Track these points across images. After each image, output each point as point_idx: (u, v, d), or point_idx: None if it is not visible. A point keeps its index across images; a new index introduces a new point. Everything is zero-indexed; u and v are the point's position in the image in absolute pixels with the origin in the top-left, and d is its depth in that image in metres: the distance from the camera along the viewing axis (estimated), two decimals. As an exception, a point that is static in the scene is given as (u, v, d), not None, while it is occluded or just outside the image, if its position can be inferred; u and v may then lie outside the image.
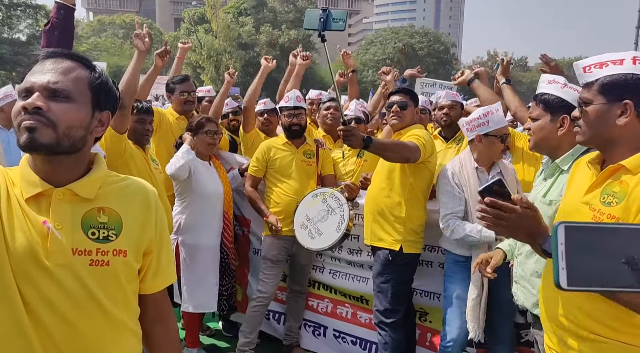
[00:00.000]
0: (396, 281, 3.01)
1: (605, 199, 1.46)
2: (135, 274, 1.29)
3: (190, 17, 38.00)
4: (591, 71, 1.53)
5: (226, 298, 3.58)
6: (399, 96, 3.15)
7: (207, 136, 3.41)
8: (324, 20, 2.43)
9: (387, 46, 43.30)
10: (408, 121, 3.09)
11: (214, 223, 3.45)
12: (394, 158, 2.89)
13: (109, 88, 1.26)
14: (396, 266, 3.00)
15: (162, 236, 1.33)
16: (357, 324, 3.53)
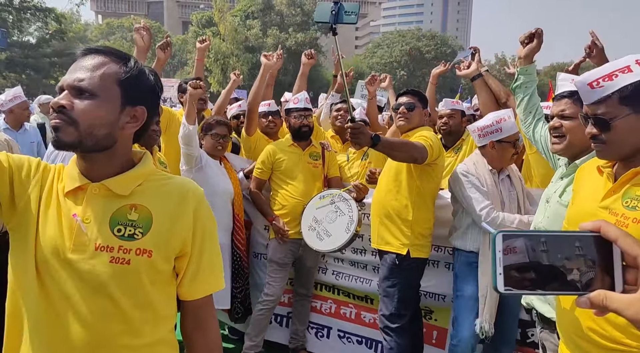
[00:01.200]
0: (403, 286, 2.98)
1: (628, 203, 1.43)
2: (164, 276, 1.23)
3: (198, 21, 38.22)
4: (601, 85, 1.47)
5: (240, 301, 3.55)
6: (407, 97, 3.11)
7: (213, 139, 3.42)
8: (336, 13, 2.41)
9: (394, 49, 43.36)
10: (416, 122, 3.06)
11: (224, 221, 3.42)
12: (401, 157, 2.84)
13: (143, 81, 1.22)
14: (403, 270, 2.97)
15: (203, 239, 1.26)
16: (362, 324, 3.51)
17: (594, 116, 1.49)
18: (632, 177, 1.46)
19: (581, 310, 1.47)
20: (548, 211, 2.10)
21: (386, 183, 3.07)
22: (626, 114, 1.44)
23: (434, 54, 43.05)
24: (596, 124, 1.50)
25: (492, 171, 2.88)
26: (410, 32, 47.51)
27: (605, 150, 1.52)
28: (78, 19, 43.39)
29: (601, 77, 1.47)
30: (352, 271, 3.50)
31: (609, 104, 1.46)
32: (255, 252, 3.79)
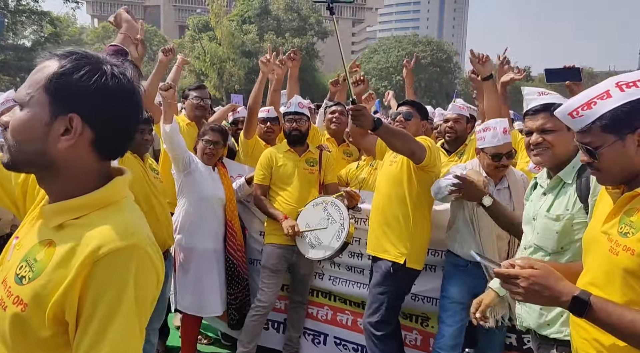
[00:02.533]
0: (393, 294, 2.98)
1: (622, 229, 1.41)
2: (47, 344, 0.96)
3: (195, 25, 38.21)
4: (581, 115, 1.43)
5: (236, 308, 3.53)
6: (406, 107, 3.20)
7: (205, 144, 3.41)
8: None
9: (391, 55, 43.48)
10: (412, 131, 3.06)
11: (213, 227, 3.42)
12: (400, 147, 2.80)
13: (74, 82, 0.96)
14: (397, 279, 2.97)
15: (96, 310, 0.91)
16: (358, 331, 3.48)
17: (583, 144, 1.47)
18: (628, 201, 1.44)
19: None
20: (537, 228, 2.08)
21: (386, 189, 3.05)
22: (611, 141, 1.41)
23: (429, 60, 43.20)
24: (586, 152, 1.48)
25: (487, 178, 2.81)
26: (406, 37, 47.67)
27: (600, 177, 1.52)
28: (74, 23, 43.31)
29: (580, 106, 1.43)
30: (348, 276, 3.49)
31: (593, 132, 1.42)
32: (251, 258, 3.77)
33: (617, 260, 1.39)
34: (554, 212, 2.00)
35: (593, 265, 1.52)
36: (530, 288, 1.37)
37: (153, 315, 2.86)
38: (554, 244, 2.00)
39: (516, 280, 1.40)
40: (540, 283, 1.37)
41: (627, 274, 1.37)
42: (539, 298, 1.39)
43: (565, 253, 1.98)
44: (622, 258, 1.38)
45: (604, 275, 1.45)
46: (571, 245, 1.96)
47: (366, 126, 2.62)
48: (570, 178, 2.00)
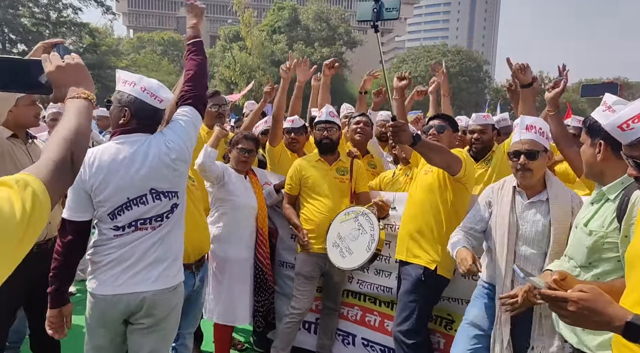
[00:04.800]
0: (423, 302, 2.98)
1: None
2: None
3: (226, 35, 38.93)
4: (632, 128, 1.38)
5: (262, 315, 3.59)
6: (437, 120, 3.24)
7: (239, 152, 3.48)
8: (377, 11, 2.50)
9: (419, 64, 43.28)
10: (445, 144, 3.09)
11: (246, 236, 3.49)
12: (437, 160, 2.84)
13: None
14: (427, 286, 2.97)
15: None
16: (385, 333, 3.51)
17: (631, 157, 1.41)
18: None
19: None
20: (573, 239, 2.06)
21: (420, 197, 3.08)
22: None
23: (458, 69, 42.82)
24: (635, 166, 1.42)
25: (517, 190, 2.59)
26: (435, 47, 47.45)
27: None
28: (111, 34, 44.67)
29: (631, 118, 1.39)
30: (376, 279, 3.51)
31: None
32: (281, 261, 3.84)
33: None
34: (589, 226, 1.96)
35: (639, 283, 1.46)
36: (579, 312, 1.31)
37: (188, 319, 2.99)
38: (583, 258, 1.96)
39: (564, 303, 1.34)
40: (589, 308, 1.30)
41: None
42: (588, 322, 1.33)
43: (592, 269, 1.94)
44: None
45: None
46: (600, 262, 1.91)
47: (406, 142, 2.65)
48: (614, 194, 1.91)
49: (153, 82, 2.28)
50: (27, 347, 3.13)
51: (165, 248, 2.22)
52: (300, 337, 3.75)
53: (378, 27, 2.55)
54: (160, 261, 2.21)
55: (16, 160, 2.73)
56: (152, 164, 2.17)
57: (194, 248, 2.85)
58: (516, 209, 2.55)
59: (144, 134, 2.23)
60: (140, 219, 2.16)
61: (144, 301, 2.17)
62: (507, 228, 2.51)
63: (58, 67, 1.40)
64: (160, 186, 2.20)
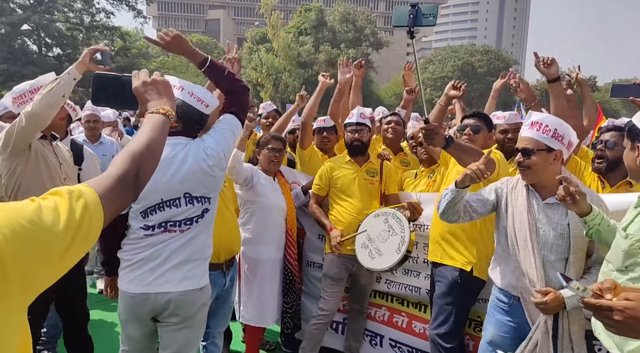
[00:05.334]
0: (460, 306, 2.92)
1: None
2: None
3: (253, 37, 39.30)
4: None
5: (291, 316, 3.60)
6: (473, 120, 3.18)
7: (270, 152, 3.50)
8: (414, 16, 2.44)
9: (446, 65, 42.77)
10: (480, 144, 3.05)
11: (276, 237, 3.50)
12: (469, 163, 2.71)
13: None
14: (464, 289, 2.91)
15: None
16: (412, 334, 3.48)
17: None
18: None
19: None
20: (613, 242, 2.01)
21: None
22: None
23: (486, 69, 42.15)
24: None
25: (531, 190, 2.44)
26: (463, 47, 46.81)
27: None
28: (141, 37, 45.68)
29: None
30: (404, 279, 3.48)
31: None
32: (308, 261, 3.85)
33: None
34: (628, 230, 1.91)
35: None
36: (625, 321, 1.27)
37: (218, 319, 3.02)
38: (620, 261, 1.91)
39: (610, 312, 1.30)
40: (636, 316, 1.26)
41: None
42: (634, 332, 1.29)
43: (628, 272, 1.88)
44: None
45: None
46: (636, 266, 1.86)
47: (438, 145, 2.62)
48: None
49: (200, 87, 2.35)
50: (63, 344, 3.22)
51: (193, 250, 2.26)
52: (328, 337, 3.74)
53: (414, 33, 2.49)
54: (187, 262, 2.24)
55: (47, 159, 2.85)
56: (190, 169, 2.21)
57: (225, 247, 2.88)
58: (533, 211, 2.40)
59: (186, 138, 2.28)
60: (170, 221, 2.20)
61: (169, 302, 2.22)
62: (528, 230, 2.36)
63: (143, 83, 1.44)
64: (195, 191, 2.24)
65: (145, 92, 1.43)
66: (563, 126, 2.40)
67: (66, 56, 33.57)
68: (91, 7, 34.39)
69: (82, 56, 2.64)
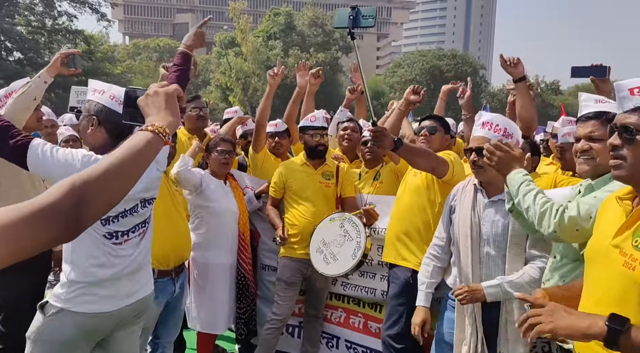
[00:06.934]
0: (412, 306, 2.90)
1: (637, 242, 1.32)
2: None
3: (221, 41, 39.03)
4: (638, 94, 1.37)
5: (244, 321, 3.55)
6: (429, 121, 3.22)
7: (219, 155, 3.45)
8: (354, 18, 2.48)
9: (415, 68, 43.37)
10: (436, 146, 3.08)
11: (228, 241, 3.45)
12: (421, 164, 2.83)
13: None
14: (416, 289, 2.88)
15: None
16: (368, 334, 3.49)
17: (625, 124, 1.39)
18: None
19: None
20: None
21: (408, 199, 3.04)
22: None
23: (454, 73, 42.93)
24: (622, 134, 1.39)
25: (478, 188, 2.50)
26: (431, 51, 47.54)
27: (621, 167, 1.41)
28: (106, 41, 44.72)
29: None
30: (359, 281, 3.48)
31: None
32: (263, 264, 3.82)
33: (634, 276, 1.30)
34: None
35: (602, 281, 1.43)
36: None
37: (168, 328, 2.95)
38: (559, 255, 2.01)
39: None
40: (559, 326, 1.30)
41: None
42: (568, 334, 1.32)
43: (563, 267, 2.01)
44: (638, 273, 1.29)
45: (617, 292, 1.36)
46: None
47: (387, 147, 2.64)
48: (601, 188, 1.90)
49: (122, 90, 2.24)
50: None
51: (146, 253, 2.22)
52: (284, 341, 3.71)
53: (354, 34, 2.53)
54: (145, 265, 2.21)
55: None
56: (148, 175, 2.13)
57: (175, 253, 2.82)
58: (477, 209, 2.45)
59: None
60: (132, 228, 2.14)
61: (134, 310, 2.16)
62: (470, 228, 2.42)
63: (146, 95, 1.32)
64: (147, 193, 2.19)
65: (146, 106, 1.30)
66: (512, 125, 2.46)
67: (28, 60, 32.54)
68: (53, 11, 33.47)
69: (54, 59, 2.69)
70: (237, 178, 3.75)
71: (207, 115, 4.11)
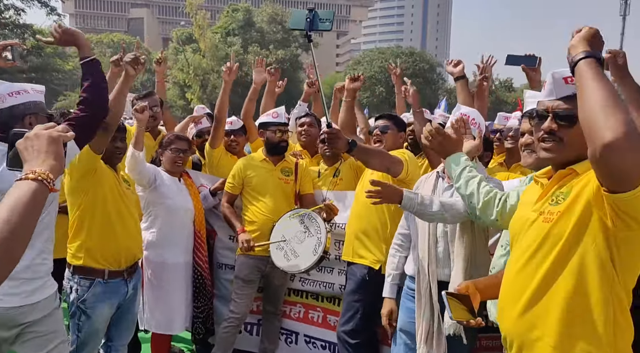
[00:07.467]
0: (368, 302, 2.95)
1: (554, 200, 1.50)
2: None
3: (179, 37, 38.24)
4: (573, 83, 1.47)
5: (202, 321, 3.49)
6: (382, 121, 3.25)
7: (173, 153, 3.37)
8: (311, 21, 2.45)
9: (374, 66, 43.81)
10: (389, 144, 3.11)
11: (183, 240, 3.39)
12: (376, 165, 2.85)
13: None
14: (372, 286, 2.93)
15: None
16: (327, 328, 3.51)
17: (561, 109, 1.50)
18: (558, 180, 1.53)
19: None
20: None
21: (366, 199, 3.03)
22: None
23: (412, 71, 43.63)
24: (560, 119, 1.50)
25: (440, 175, 2.61)
26: (389, 49, 48.12)
27: (556, 149, 1.52)
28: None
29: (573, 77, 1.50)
30: (318, 276, 3.49)
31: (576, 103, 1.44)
32: (220, 263, 3.76)
33: (550, 226, 1.47)
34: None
35: (525, 243, 1.55)
36: None
37: (121, 331, 2.86)
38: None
39: None
40: None
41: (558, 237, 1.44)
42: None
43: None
44: (558, 222, 1.45)
45: (538, 244, 1.50)
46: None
47: (341, 149, 2.64)
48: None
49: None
50: None
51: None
52: (242, 339, 3.68)
53: (311, 37, 2.49)
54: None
55: None
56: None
57: (126, 253, 2.75)
58: (437, 192, 2.53)
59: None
60: None
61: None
62: None
63: (25, 138, 1.18)
64: None
65: (25, 150, 1.16)
66: (482, 120, 2.64)
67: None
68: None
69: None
70: (191, 176, 3.68)
71: (159, 115, 3.98)
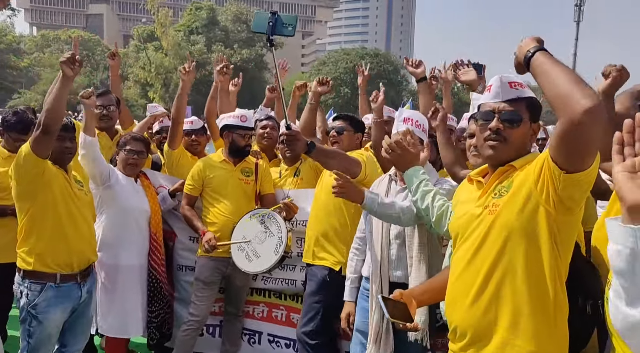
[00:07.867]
0: (328, 304, 2.97)
1: (497, 194, 1.59)
2: None
3: (140, 35, 37.35)
4: (517, 88, 1.61)
5: (156, 326, 3.41)
6: (338, 122, 3.26)
7: (127, 154, 3.31)
8: (273, 25, 2.39)
9: (339, 67, 44.01)
10: (345, 145, 3.13)
11: (138, 241, 3.32)
12: (334, 166, 2.81)
13: None
14: (333, 287, 2.96)
15: None
16: (291, 325, 3.51)
17: (507, 111, 1.61)
18: (499, 176, 1.63)
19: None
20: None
21: (325, 199, 3.06)
22: (527, 119, 1.62)
23: (376, 72, 44.05)
24: (506, 120, 1.60)
25: (393, 178, 2.64)
26: (354, 50, 48.45)
27: (500, 148, 1.62)
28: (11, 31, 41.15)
29: (520, 82, 1.63)
30: (280, 274, 3.49)
31: (520, 106, 1.60)
32: (180, 265, 3.71)
33: (493, 217, 1.56)
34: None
35: (472, 234, 1.63)
36: None
37: (76, 335, 2.78)
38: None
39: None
40: None
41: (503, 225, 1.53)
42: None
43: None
44: (502, 213, 1.54)
45: (485, 234, 1.58)
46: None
47: (300, 150, 2.65)
48: None
49: None
50: None
51: None
52: (203, 342, 3.63)
53: (273, 41, 2.45)
54: None
55: None
56: None
57: (78, 256, 2.68)
58: (390, 195, 2.56)
59: None
60: None
61: None
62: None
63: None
64: None
65: None
66: (426, 121, 2.67)
67: None
68: (-55, -4, 30.31)
69: None
70: (150, 176, 3.60)
71: (114, 114, 3.87)
